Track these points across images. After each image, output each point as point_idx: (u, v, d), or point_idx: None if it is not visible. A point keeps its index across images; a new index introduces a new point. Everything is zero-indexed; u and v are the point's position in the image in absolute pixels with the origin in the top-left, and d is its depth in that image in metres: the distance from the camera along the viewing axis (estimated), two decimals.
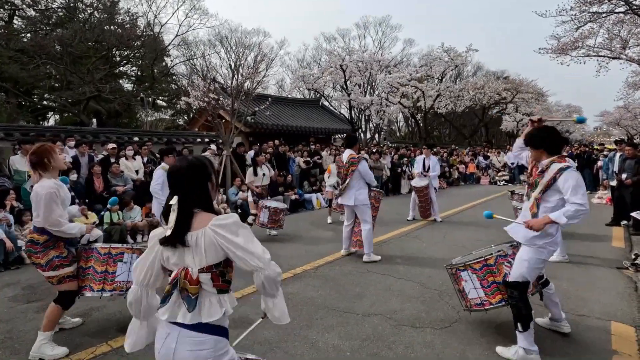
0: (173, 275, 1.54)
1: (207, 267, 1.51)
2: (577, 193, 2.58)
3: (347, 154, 5.38)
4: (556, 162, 2.74)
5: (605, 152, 13.68)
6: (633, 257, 5.09)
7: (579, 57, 14.20)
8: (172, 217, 1.51)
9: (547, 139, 2.78)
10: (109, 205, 3.63)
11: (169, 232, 1.50)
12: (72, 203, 3.34)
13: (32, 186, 2.93)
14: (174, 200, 1.53)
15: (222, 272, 1.54)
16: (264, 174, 6.88)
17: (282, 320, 1.65)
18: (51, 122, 22.12)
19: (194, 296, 1.50)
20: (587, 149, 14.98)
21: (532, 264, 2.77)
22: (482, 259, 3.09)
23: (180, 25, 23.95)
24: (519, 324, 2.75)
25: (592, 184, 13.38)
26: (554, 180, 2.69)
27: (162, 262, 1.59)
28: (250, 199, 6.90)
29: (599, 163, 12.98)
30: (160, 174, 5.59)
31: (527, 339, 2.74)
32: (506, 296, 2.92)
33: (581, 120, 3.60)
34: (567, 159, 2.80)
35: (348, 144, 5.61)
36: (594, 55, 13.96)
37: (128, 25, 19.47)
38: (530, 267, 2.77)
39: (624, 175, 7.36)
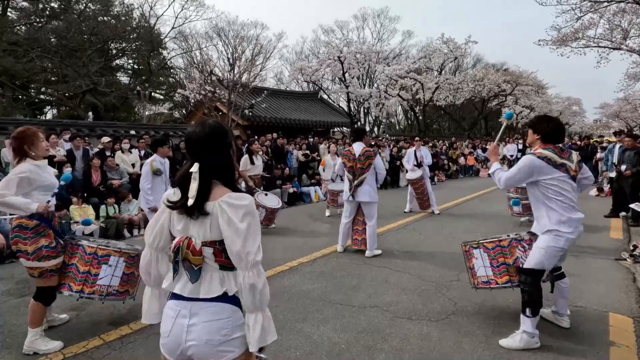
0: (175, 242, 1.44)
1: (210, 242, 1.42)
2: (513, 169, 2.87)
3: (359, 146, 5.16)
4: (537, 149, 2.87)
5: (604, 144, 13.60)
6: (631, 248, 5.06)
7: (579, 48, 14.09)
8: (194, 185, 1.39)
9: (544, 126, 2.87)
10: (62, 182, 3.32)
11: (191, 202, 1.38)
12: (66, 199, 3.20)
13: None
14: (195, 168, 1.41)
15: (226, 250, 1.42)
16: (260, 164, 6.81)
17: (251, 346, 1.40)
18: (48, 116, 21.97)
19: (197, 267, 1.41)
20: (590, 141, 14.83)
21: (550, 252, 2.77)
22: (497, 239, 3.16)
23: (176, 17, 23.69)
24: (527, 309, 2.78)
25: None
26: None
27: (170, 226, 1.50)
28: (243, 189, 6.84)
29: (598, 155, 12.92)
30: (147, 170, 5.05)
31: (532, 323, 2.77)
32: (514, 278, 3.00)
33: (509, 116, 3.44)
34: (545, 150, 2.80)
35: (357, 136, 5.40)
36: (595, 46, 13.85)
37: (123, 17, 19.23)
38: (548, 255, 2.78)
39: (623, 167, 7.31)
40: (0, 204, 2.67)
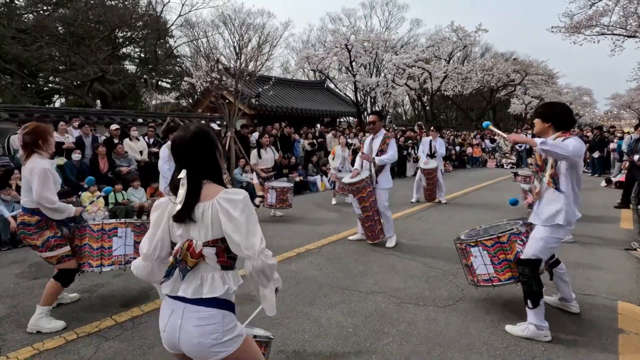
0: (177, 247, 1.47)
1: (213, 240, 1.45)
2: (569, 145, 2.54)
3: None
4: (560, 137, 2.69)
5: (619, 134, 13.36)
6: None
7: (592, 36, 13.78)
8: (182, 191, 1.43)
9: (558, 114, 2.76)
10: (102, 194, 3.58)
11: (178, 207, 1.43)
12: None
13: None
14: (183, 174, 1.45)
15: (228, 248, 1.46)
16: (269, 156, 6.83)
17: (267, 311, 1.55)
18: (57, 104, 22.10)
19: (190, 268, 1.45)
20: (600, 132, 14.53)
21: (547, 242, 2.74)
22: (495, 236, 3.05)
23: (183, 5, 23.58)
24: (529, 301, 2.75)
25: (601, 167, 13.16)
26: None
27: (169, 233, 1.53)
28: (255, 180, 6.89)
29: (611, 145, 12.71)
30: (167, 153, 5.07)
31: (537, 315, 2.73)
32: (517, 273, 2.92)
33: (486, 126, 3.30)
34: (574, 136, 2.71)
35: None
36: (609, 34, 13.53)
37: (130, 5, 19.15)
38: (545, 246, 2.75)
39: (636, 157, 7.20)
40: (52, 210, 2.86)
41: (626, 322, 3.02)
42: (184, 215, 1.44)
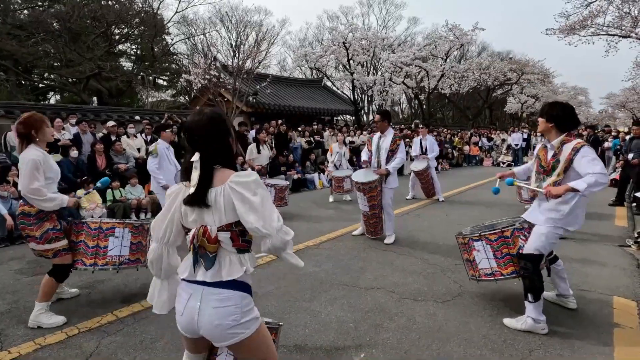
0: (192, 233, 1.48)
1: (227, 225, 1.46)
2: (597, 165, 2.57)
3: None
4: (566, 142, 2.73)
5: (613, 134, 13.49)
6: (636, 235, 5.07)
7: (587, 37, 13.88)
8: (195, 175, 1.45)
9: (561, 115, 2.77)
10: (99, 185, 3.43)
11: (192, 190, 1.44)
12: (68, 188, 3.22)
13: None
14: (196, 157, 1.46)
15: (242, 232, 1.48)
16: (265, 153, 6.88)
17: (296, 264, 1.60)
18: (52, 101, 21.93)
19: (212, 254, 1.47)
20: (594, 131, 14.67)
21: (549, 238, 2.80)
22: (499, 230, 3.09)
23: (179, 1, 23.43)
24: (529, 295, 2.79)
25: None
26: (571, 161, 2.68)
27: (181, 219, 1.53)
28: None
29: (606, 144, 12.83)
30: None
31: (536, 309, 2.78)
32: (519, 268, 2.96)
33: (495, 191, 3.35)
34: (576, 137, 2.77)
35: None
36: (604, 35, 13.64)
37: (126, 2, 19.03)
38: (547, 241, 2.80)
39: (630, 155, 7.28)
40: (42, 201, 2.80)
41: (621, 316, 3.07)
42: (197, 200, 1.44)
